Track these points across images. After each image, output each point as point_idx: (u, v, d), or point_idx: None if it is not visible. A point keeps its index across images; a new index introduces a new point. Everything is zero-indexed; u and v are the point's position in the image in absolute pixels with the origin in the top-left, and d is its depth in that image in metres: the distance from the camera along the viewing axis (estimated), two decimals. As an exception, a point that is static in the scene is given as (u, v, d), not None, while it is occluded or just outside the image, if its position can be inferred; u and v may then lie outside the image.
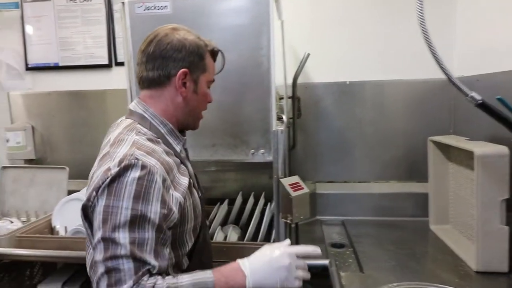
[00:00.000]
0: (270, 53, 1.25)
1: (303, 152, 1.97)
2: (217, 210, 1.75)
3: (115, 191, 0.79)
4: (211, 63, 1.02)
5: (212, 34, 1.26)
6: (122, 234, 0.76)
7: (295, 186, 1.25)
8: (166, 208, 0.82)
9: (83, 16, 2.10)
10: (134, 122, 0.94)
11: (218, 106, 1.29)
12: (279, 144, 1.27)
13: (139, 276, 0.75)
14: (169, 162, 0.90)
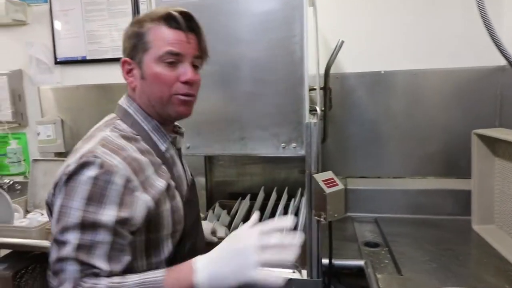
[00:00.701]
0: (303, 41, 1.17)
1: (333, 146, 1.89)
2: (238, 205, 1.70)
3: (69, 190, 0.74)
4: (159, 35, 0.85)
5: (241, 21, 1.20)
6: (71, 236, 0.71)
7: (329, 182, 1.17)
8: (124, 211, 0.75)
9: (109, 8, 2.08)
10: (115, 117, 0.90)
11: (247, 97, 1.23)
12: (312, 138, 1.19)
13: (79, 278, 0.70)
14: (141, 162, 0.82)
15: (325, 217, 1.17)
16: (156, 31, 0.85)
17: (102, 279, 0.71)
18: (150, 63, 0.86)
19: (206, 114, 1.26)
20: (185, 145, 1.28)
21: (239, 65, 1.22)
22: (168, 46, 0.85)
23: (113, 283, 0.70)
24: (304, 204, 1.51)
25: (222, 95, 1.25)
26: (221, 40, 1.22)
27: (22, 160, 2.26)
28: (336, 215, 1.18)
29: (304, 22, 1.16)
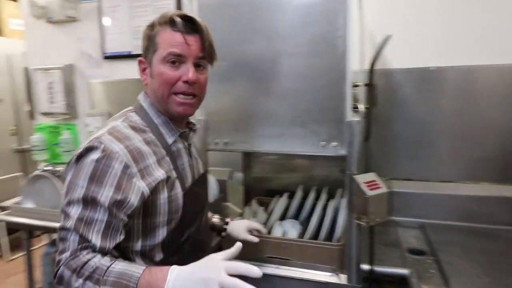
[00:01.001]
0: (346, 35, 1.11)
1: (376, 146, 1.78)
2: (275, 203, 1.67)
3: (77, 169, 0.84)
4: (165, 37, 0.93)
5: (281, 16, 1.16)
6: (75, 209, 0.81)
7: (371, 184, 1.11)
8: (120, 194, 0.83)
9: (153, 4, 2.11)
10: (130, 110, 1.00)
11: (285, 93, 1.19)
12: (354, 136, 1.13)
13: (77, 249, 0.78)
14: (142, 151, 0.90)
15: (367, 220, 1.11)
16: (163, 34, 0.93)
17: (96, 257, 0.78)
18: (157, 63, 0.94)
19: (244, 110, 1.24)
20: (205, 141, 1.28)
21: (278, 60, 1.19)
22: (171, 47, 0.92)
23: (102, 264, 0.77)
24: (344, 205, 1.45)
25: (261, 91, 1.22)
26: (260, 35, 1.19)
27: (73, 149, 2.38)
28: (378, 219, 1.12)
29: (348, 15, 1.10)
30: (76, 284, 0.76)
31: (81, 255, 0.78)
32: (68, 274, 0.77)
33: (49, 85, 2.39)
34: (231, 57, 1.23)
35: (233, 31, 1.22)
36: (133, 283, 0.75)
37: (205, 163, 1.32)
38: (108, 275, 0.76)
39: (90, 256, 0.78)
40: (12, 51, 3.55)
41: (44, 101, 2.43)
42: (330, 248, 1.27)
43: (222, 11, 1.23)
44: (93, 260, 0.77)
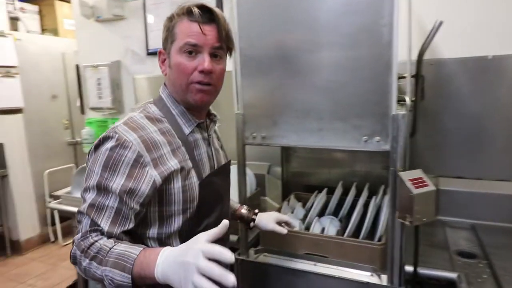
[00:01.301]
0: (392, 24, 1.03)
1: (424, 141, 1.69)
2: (314, 198, 1.63)
3: (94, 157, 0.88)
4: (182, 27, 0.93)
5: (321, 5, 1.12)
6: (90, 194, 0.86)
7: (417, 182, 1.04)
8: (131, 182, 0.85)
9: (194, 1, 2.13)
10: (150, 101, 1.02)
11: (325, 85, 1.15)
12: (399, 131, 1.06)
13: (87, 231, 0.82)
14: (156, 141, 0.91)
15: (411, 220, 1.04)
16: (180, 24, 0.93)
17: (102, 239, 0.81)
18: (175, 54, 0.94)
19: (282, 104, 1.21)
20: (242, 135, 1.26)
21: (318, 52, 1.14)
22: (187, 37, 0.92)
23: (105, 245, 0.79)
24: (387, 203, 1.38)
25: (300, 83, 1.18)
26: (299, 26, 1.15)
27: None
28: (424, 219, 1.05)
29: (394, 2, 1.03)
30: (84, 264, 0.80)
31: (90, 237, 0.81)
32: (78, 253, 0.81)
33: (97, 81, 2.51)
34: (269, 48, 1.20)
35: (271, 21, 1.19)
36: (130, 263, 0.76)
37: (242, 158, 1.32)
38: (109, 255, 0.78)
39: (97, 238, 0.81)
40: (66, 49, 3.78)
41: (93, 97, 2.56)
42: (371, 247, 1.22)
43: (261, 2, 1.20)
44: (98, 242, 0.80)
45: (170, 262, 0.74)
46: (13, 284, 2.97)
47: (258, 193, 1.89)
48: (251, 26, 1.22)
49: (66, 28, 3.87)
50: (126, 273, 0.75)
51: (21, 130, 3.46)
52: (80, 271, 0.83)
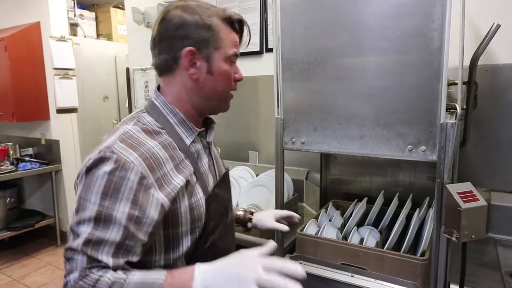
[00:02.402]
0: (444, 28, 0.98)
1: (475, 152, 1.58)
2: (353, 207, 1.58)
3: (87, 183, 0.75)
4: (227, 34, 0.87)
5: (368, 8, 1.08)
6: (85, 228, 0.72)
7: (466, 196, 0.97)
8: (137, 209, 0.74)
9: (240, 5, 2.17)
10: (142, 110, 0.90)
11: (369, 91, 1.11)
12: (447, 141, 1.00)
13: (86, 269, 0.70)
14: (158, 158, 0.80)
15: (458, 236, 0.98)
16: (225, 31, 0.87)
17: (108, 272, 0.70)
18: (219, 61, 0.87)
19: (324, 109, 1.19)
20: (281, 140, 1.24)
21: (362, 56, 1.11)
22: (234, 47, 0.89)
23: (117, 278, 0.70)
24: (432, 217, 1.30)
25: (342, 88, 1.15)
26: (344, 30, 1.13)
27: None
28: (473, 236, 0.98)
29: (447, 5, 0.97)
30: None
31: (92, 274, 0.70)
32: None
33: (145, 83, 2.62)
34: (311, 52, 1.19)
35: (314, 25, 1.17)
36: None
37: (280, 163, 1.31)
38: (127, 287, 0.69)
39: (102, 273, 0.70)
40: (118, 53, 3.99)
41: (141, 98, 2.68)
42: (414, 262, 1.15)
43: (304, 6, 1.19)
44: (106, 276, 0.69)
45: (216, 278, 0.70)
46: (61, 273, 3.15)
47: (295, 199, 1.86)
48: (293, 30, 1.21)
49: (120, 33, 4.09)
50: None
51: (75, 128, 3.69)
52: None
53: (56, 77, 3.44)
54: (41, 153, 3.71)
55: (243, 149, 2.27)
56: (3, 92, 3.37)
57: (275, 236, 1.35)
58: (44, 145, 3.67)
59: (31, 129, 3.73)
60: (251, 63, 2.18)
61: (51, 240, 3.74)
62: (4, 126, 3.96)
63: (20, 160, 3.60)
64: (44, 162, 3.58)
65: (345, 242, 1.30)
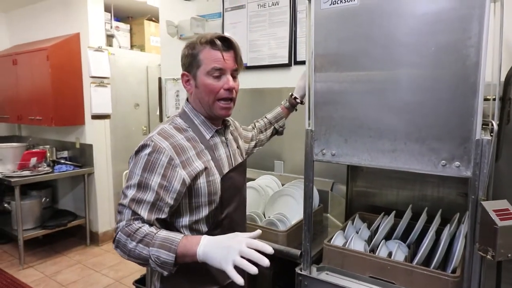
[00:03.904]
0: (481, 44, 0.96)
1: (507, 169, 1.52)
2: (380, 220, 1.55)
3: (135, 161, 1.04)
4: (207, 55, 1.09)
5: (403, 24, 1.07)
6: (130, 191, 1.02)
7: (502, 213, 0.94)
8: (166, 180, 1.02)
9: (270, 19, 2.20)
10: (176, 116, 1.18)
11: (401, 106, 1.10)
12: (483, 157, 0.97)
13: (131, 220, 0.99)
14: (184, 146, 1.07)
15: (493, 254, 0.94)
16: (204, 52, 1.09)
17: (145, 226, 0.98)
18: (202, 76, 1.10)
19: (355, 122, 1.18)
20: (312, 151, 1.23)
21: (396, 70, 1.10)
22: (213, 63, 1.09)
23: (150, 230, 0.97)
24: (463, 233, 1.26)
25: (375, 102, 1.14)
26: (377, 44, 1.12)
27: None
28: (509, 255, 0.94)
29: (484, 22, 0.95)
30: (131, 246, 0.96)
31: (134, 224, 0.98)
32: (124, 238, 0.97)
33: (176, 92, 2.68)
34: (344, 66, 1.19)
35: (349, 39, 1.17)
36: (175, 245, 0.93)
37: (310, 174, 1.30)
38: (155, 239, 0.95)
39: (141, 225, 0.98)
40: (150, 63, 4.10)
41: (171, 106, 2.73)
42: (445, 279, 1.12)
43: (338, 21, 1.19)
44: (143, 228, 0.97)
45: (213, 245, 0.93)
46: (90, 271, 3.23)
47: (320, 210, 1.85)
48: (326, 44, 1.22)
49: (152, 44, 4.21)
50: (171, 253, 0.93)
51: (107, 134, 3.80)
52: (123, 252, 0.98)
53: (92, 85, 3.57)
54: (75, 156, 3.84)
55: (269, 159, 2.27)
56: (44, 98, 3.52)
57: (303, 245, 1.34)
58: (78, 149, 3.80)
59: (67, 133, 3.88)
60: (280, 75, 2.20)
61: (81, 239, 3.84)
62: (42, 130, 4.13)
63: (56, 162, 3.73)
64: (78, 165, 3.71)
65: (374, 255, 1.27)
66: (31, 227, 3.48)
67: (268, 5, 2.19)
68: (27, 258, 3.40)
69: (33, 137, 4.19)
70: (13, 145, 3.67)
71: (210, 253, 0.92)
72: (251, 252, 0.88)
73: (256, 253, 0.88)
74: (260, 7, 2.23)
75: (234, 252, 0.88)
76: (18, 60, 3.74)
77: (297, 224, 1.61)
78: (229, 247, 0.90)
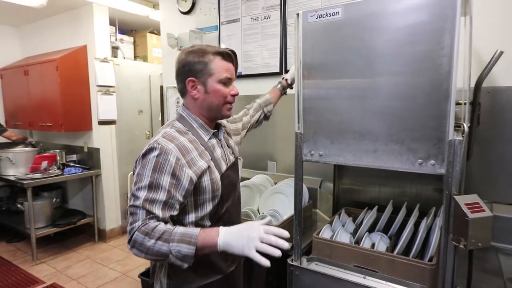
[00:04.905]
0: (452, 54, 0.98)
1: (477, 167, 1.55)
2: (364, 215, 1.56)
3: (143, 164, 1.02)
4: (219, 65, 1.11)
5: (383, 36, 1.09)
6: (142, 192, 0.98)
7: (473, 207, 0.95)
8: (175, 179, 1.01)
9: (262, 32, 2.21)
10: (174, 120, 1.17)
11: (382, 110, 1.11)
12: (455, 156, 0.99)
13: (146, 219, 0.96)
14: (188, 148, 1.07)
15: (465, 244, 0.95)
16: (217, 62, 1.11)
17: (161, 224, 0.96)
18: (214, 83, 1.12)
19: (340, 125, 1.20)
20: (301, 152, 1.24)
21: (378, 79, 1.11)
22: (225, 72, 1.13)
23: (168, 228, 0.95)
24: (439, 225, 1.28)
25: (358, 107, 1.16)
26: (359, 55, 1.14)
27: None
28: (479, 244, 0.95)
29: (455, 34, 0.97)
30: (149, 244, 0.93)
31: (150, 223, 0.95)
32: (141, 237, 0.94)
33: (177, 99, 2.67)
34: (330, 75, 1.20)
35: (333, 51, 1.19)
36: (194, 238, 0.93)
37: (300, 173, 1.31)
38: (174, 235, 0.94)
39: (157, 223, 0.96)
40: (152, 73, 4.09)
41: (173, 112, 2.72)
42: (422, 267, 1.13)
43: (324, 34, 1.20)
44: (160, 226, 0.95)
45: (232, 235, 0.93)
46: (98, 266, 3.20)
47: (310, 206, 1.86)
48: (313, 55, 1.23)
49: (154, 55, 4.19)
50: (191, 246, 0.93)
51: (113, 138, 3.78)
52: (140, 251, 0.95)
53: (99, 93, 3.54)
54: (83, 160, 3.81)
55: (263, 159, 2.28)
56: (54, 105, 3.49)
57: (294, 239, 1.34)
58: (86, 153, 3.77)
59: (75, 138, 3.85)
60: (272, 82, 2.18)
61: (90, 236, 3.80)
62: (53, 135, 4.09)
63: (65, 165, 3.70)
64: (86, 168, 3.67)
65: (358, 246, 1.28)
66: (42, 225, 3.44)
67: (261, 18, 2.21)
68: (40, 255, 3.36)
69: (44, 142, 4.15)
70: (25, 150, 3.63)
71: (232, 242, 0.92)
72: (270, 238, 0.89)
73: (275, 237, 0.89)
74: (253, 20, 2.24)
75: (255, 238, 0.89)
76: (30, 71, 3.71)
77: (289, 219, 1.62)
78: (249, 235, 0.91)
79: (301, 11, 1.23)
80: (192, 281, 1.11)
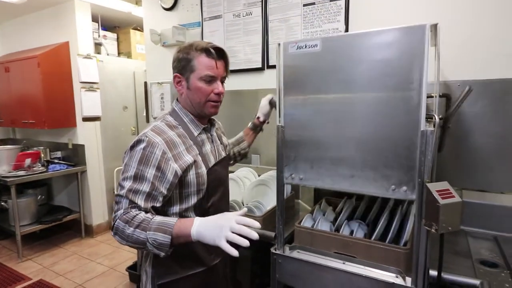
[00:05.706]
0: (421, 89, 1.01)
1: (448, 156, 1.60)
2: (343, 204, 1.59)
3: (130, 155, 1.02)
4: (201, 61, 1.08)
5: (360, 67, 1.10)
6: (127, 182, 0.99)
7: (444, 193, 0.98)
8: (160, 172, 1.01)
9: (245, 28, 2.19)
10: (167, 114, 1.16)
11: (359, 137, 1.13)
12: (427, 145, 1.01)
13: (128, 208, 0.97)
14: (175, 142, 1.06)
15: (437, 228, 0.99)
16: (199, 58, 1.08)
17: (141, 213, 0.97)
18: (195, 80, 1.10)
19: (319, 151, 1.21)
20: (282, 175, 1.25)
21: (355, 106, 1.13)
22: (207, 70, 1.09)
23: (147, 216, 0.95)
24: (413, 212, 1.32)
25: (337, 133, 1.17)
26: (339, 83, 1.15)
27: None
28: (449, 228, 0.99)
29: (424, 70, 1.00)
30: (129, 231, 0.94)
31: (131, 212, 0.96)
32: (122, 224, 0.95)
33: (161, 95, 2.63)
34: (309, 103, 1.21)
35: (313, 77, 1.19)
36: (170, 228, 0.93)
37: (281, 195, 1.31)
38: (152, 223, 0.93)
39: (137, 212, 0.97)
40: (137, 69, 4.00)
41: (157, 108, 2.68)
42: (398, 251, 1.16)
43: (303, 61, 1.21)
44: (140, 215, 0.96)
45: (205, 225, 0.92)
46: (85, 261, 3.14)
47: (292, 196, 1.87)
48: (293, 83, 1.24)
49: (138, 51, 4.10)
50: (167, 235, 0.92)
51: (98, 134, 3.69)
52: (122, 238, 0.96)
53: (82, 89, 3.44)
54: (68, 156, 3.71)
55: (247, 153, 2.27)
56: (36, 102, 3.37)
57: (276, 228, 1.35)
58: (71, 149, 3.67)
59: (60, 135, 3.73)
60: (255, 78, 2.20)
61: (76, 232, 3.72)
62: (36, 132, 3.96)
63: (50, 162, 3.59)
64: (71, 164, 3.58)
65: (337, 234, 1.31)
66: (28, 222, 3.33)
67: (242, 15, 2.18)
68: (26, 252, 3.27)
69: (27, 139, 4.01)
70: (7, 147, 3.50)
71: (204, 232, 0.91)
72: (241, 228, 0.88)
73: (245, 228, 0.88)
74: (235, 16, 2.22)
75: (226, 228, 0.88)
76: (11, 67, 3.56)
77: (272, 210, 1.63)
78: (221, 225, 0.89)
79: (282, 42, 1.24)
80: (176, 271, 1.11)
